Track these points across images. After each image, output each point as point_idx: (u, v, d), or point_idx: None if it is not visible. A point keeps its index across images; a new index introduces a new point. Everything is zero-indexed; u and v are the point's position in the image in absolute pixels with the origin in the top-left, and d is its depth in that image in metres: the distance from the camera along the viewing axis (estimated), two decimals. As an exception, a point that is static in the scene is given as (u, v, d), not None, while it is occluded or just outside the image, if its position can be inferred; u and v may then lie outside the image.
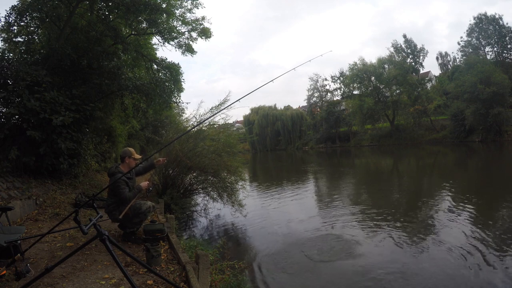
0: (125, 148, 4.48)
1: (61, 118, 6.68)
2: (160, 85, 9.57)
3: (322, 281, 4.48)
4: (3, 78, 6.90)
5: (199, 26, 11.03)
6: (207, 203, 8.63)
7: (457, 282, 4.14)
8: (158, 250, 3.50)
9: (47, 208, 6.02)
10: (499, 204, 7.95)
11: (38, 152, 6.63)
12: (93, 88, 8.45)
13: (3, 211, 4.00)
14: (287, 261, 5.22)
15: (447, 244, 5.38)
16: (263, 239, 6.46)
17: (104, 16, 9.57)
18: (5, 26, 8.47)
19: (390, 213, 7.76)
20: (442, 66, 53.23)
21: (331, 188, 13.10)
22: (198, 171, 8.48)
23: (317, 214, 8.48)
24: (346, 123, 48.44)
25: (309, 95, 55.92)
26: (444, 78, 45.81)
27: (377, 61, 42.00)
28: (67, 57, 7.83)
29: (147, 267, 2.60)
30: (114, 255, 2.00)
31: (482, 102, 28.96)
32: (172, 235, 4.36)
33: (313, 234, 6.52)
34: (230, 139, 8.78)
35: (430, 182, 13.29)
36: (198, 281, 2.98)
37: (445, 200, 8.85)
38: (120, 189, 4.03)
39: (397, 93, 41.07)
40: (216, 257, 4.53)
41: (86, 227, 2.01)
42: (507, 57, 36.89)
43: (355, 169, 20.24)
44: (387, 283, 4.27)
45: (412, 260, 4.93)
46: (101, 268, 3.33)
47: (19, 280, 2.47)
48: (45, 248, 4.00)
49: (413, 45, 40.36)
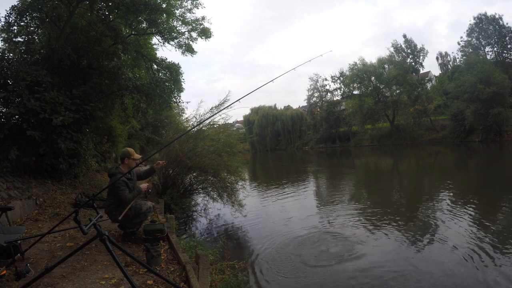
0: (124, 148, 4.47)
1: (61, 118, 6.68)
2: (160, 85, 9.57)
3: (322, 281, 4.48)
4: (3, 78, 6.90)
5: (199, 26, 11.03)
6: (207, 203, 8.63)
7: (457, 282, 4.14)
8: (158, 250, 3.50)
9: (47, 208, 6.02)
10: (499, 204, 7.95)
11: (38, 152, 6.63)
12: (93, 88, 8.46)
13: (3, 211, 4.00)
14: (287, 261, 5.22)
15: (447, 244, 5.38)
16: (263, 239, 6.46)
17: (104, 16, 9.58)
18: (5, 26, 8.48)
19: (390, 213, 7.76)
20: (442, 66, 53.28)
21: (331, 188, 13.10)
22: (198, 171, 8.49)
23: (317, 214, 8.48)
24: (346, 123, 48.44)
25: (309, 95, 56.00)
26: (444, 78, 45.82)
27: (377, 61, 42.04)
28: (67, 57, 7.83)
29: (147, 267, 2.60)
30: (114, 255, 2.00)
31: (482, 102, 28.96)
32: (172, 235, 4.36)
33: (313, 234, 6.52)
34: (230, 139, 8.78)
35: (430, 182, 13.29)
36: (198, 281, 2.98)
37: (445, 200, 8.85)
38: (120, 190, 4.02)
39: (397, 93, 41.07)
40: (216, 257, 4.53)
41: (86, 227, 2.01)
42: (507, 57, 36.89)
43: (355, 169, 20.24)
44: (387, 283, 4.27)
45: (412, 260, 4.92)
46: (101, 268, 3.33)
47: (19, 280, 2.47)
48: (45, 248, 4.00)
49: (413, 45, 40.39)
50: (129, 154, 4.28)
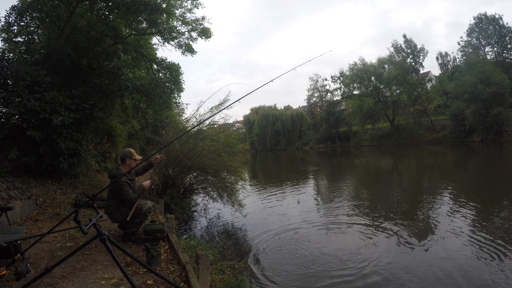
0: (126, 149, 4.47)
1: (61, 118, 6.68)
2: (160, 85, 9.57)
3: (322, 281, 4.48)
4: (3, 78, 6.90)
5: (199, 26, 11.02)
6: (207, 203, 8.63)
7: (457, 282, 4.14)
8: (158, 250, 3.50)
9: (47, 208, 6.02)
10: (499, 204, 7.94)
11: (38, 152, 6.63)
12: (93, 88, 8.45)
13: (3, 211, 4.00)
14: (287, 261, 5.22)
15: (447, 245, 5.38)
16: (263, 239, 6.46)
17: (104, 16, 9.58)
18: (5, 26, 8.48)
19: (390, 213, 7.76)
20: (442, 66, 53.28)
21: (331, 188, 13.09)
22: (198, 171, 8.48)
23: (318, 214, 8.48)
24: (346, 123, 48.46)
25: (309, 95, 56.05)
26: (444, 78, 45.84)
27: (377, 61, 42.07)
28: (67, 57, 7.83)
29: (147, 267, 2.60)
30: (114, 255, 2.00)
31: (482, 102, 28.96)
32: (172, 235, 4.36)
33: (314, 234, 6.52)
34: (230, 139, 8.78)
35: (430, 182, 13.29)
36: (198, 281, 2.98)
37: (445, 200, 8.85)
38: (124, 191, 4.03)
39: (397, 93, 41.11)
40: (216, 257, 4.53)
41: (86, 227, 2.01)
42: (507, 57, 36.91)
43: (355, 169, 20.24)
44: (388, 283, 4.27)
45: (411, 260, 4.92)
46: (101, 268, 3.33)
47: (19, 280, 2.47)
48: (45, 248, 4.00)
49: (413, 45, 40.42)
50: (130, 154, 4.29)
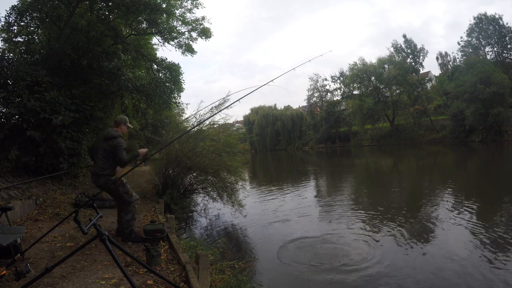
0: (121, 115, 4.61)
1: (61, 117, 6.68)
2: (160, 85, 9.58)
3: (322, 281, 4.48)
4: (3, 78, 6.90)
5: (199, 26, 11.04)
6: (207, 203, 8.62)
7: (458, 282, 4.14)
8: (158, 250, 3.50)
9: (47, 208, 6.01)
10: (499, 204, 7.95)
11: (38, 152, 6.63)
12: (93, 88, 8.45)
13: (3, 211, 3.99)
14: (287, 261, 5.22)
15: (447, 245, 5.39)
16: (263, 239, 6.46)
17: (104, 16, 9.58)
18: (5, 26, 8.49)
19: (390, 213, 7.76)
20: (442, 66, 53.23)
21: (331, 188, 13.10)
22: (198, 171, 8.48)
23: (318, 214, 8.48)
24: (346, 123, 48.44)
25: (309, 95, 55.97)
26: (444, 78, 45.84)
27: (377, 61, 42.09)
28: (67, 57, 7.84)
29: (147, 267, 2.59)
30: (114, 255, 2.00)
31: (482, 102, 28.96)
32: (172, 235, 4.36)
33: (314, 234, 6.52)
34: (230, 139, 8.77)
35: (430, 182, 13.28)
36: (198, 281, 2.98)
37: (445, 200, 8.85)
38: (120, 151, 4.10)
39: (397, 93, 41.09)
40: (216, 257, 4.53)
41: (86, 227, 2.01)
42: (507, 57, 36.91)
43: (355, 169, 20.24)
44: (388, 283, 4.27)
45: (412, 261, 4.92)
46: (101, 268, 3.33)
47: (19, 280, 2.46)
48: (45, 248, 4.00)
49: (413, 45, 40.45)
50: (126, 120, 4.49)
